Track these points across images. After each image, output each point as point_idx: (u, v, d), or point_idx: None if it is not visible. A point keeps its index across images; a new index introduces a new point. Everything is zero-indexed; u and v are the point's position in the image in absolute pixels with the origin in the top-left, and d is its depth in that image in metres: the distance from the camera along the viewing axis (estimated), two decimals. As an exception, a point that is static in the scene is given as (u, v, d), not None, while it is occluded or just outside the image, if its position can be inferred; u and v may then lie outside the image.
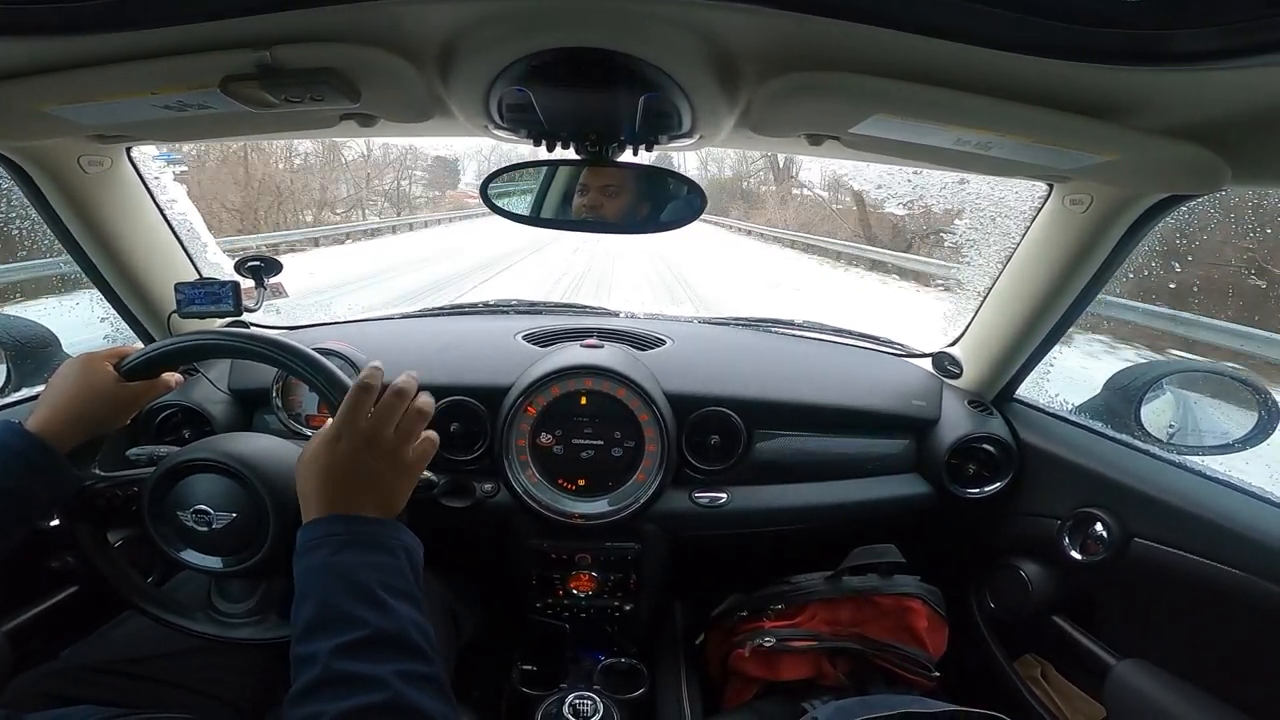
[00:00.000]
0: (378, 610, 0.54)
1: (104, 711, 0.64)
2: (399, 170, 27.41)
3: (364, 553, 0.59)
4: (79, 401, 0.74)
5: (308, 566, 0.58)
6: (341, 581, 0.56)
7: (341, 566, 0.57)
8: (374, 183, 25.82)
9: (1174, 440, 1.19)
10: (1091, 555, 1.09)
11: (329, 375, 0.75)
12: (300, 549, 0.59)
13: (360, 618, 0.53)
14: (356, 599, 0.55)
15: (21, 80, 0.67)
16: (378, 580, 0.56)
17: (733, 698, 1.24)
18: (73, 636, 1.06)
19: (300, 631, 0.54)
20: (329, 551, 0.58)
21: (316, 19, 0.56)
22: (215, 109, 0.72)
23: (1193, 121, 0.67)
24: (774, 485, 1.26)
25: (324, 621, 0.54)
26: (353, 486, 0.63)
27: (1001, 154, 0.78)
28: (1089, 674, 1.10)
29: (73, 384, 0.75)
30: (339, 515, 0.61)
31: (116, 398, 0.77)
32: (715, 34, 0.58)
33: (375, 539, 0.60)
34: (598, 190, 0.93)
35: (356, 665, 0.51)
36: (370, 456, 0.64)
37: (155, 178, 1.18)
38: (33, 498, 0.71)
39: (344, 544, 0.58)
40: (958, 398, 1.34)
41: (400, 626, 0.54)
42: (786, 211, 24.45)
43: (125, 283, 1.20)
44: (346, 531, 0.60)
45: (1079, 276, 1.09)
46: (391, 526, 0.63)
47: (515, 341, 1.33)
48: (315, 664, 0.51)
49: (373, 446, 0.65)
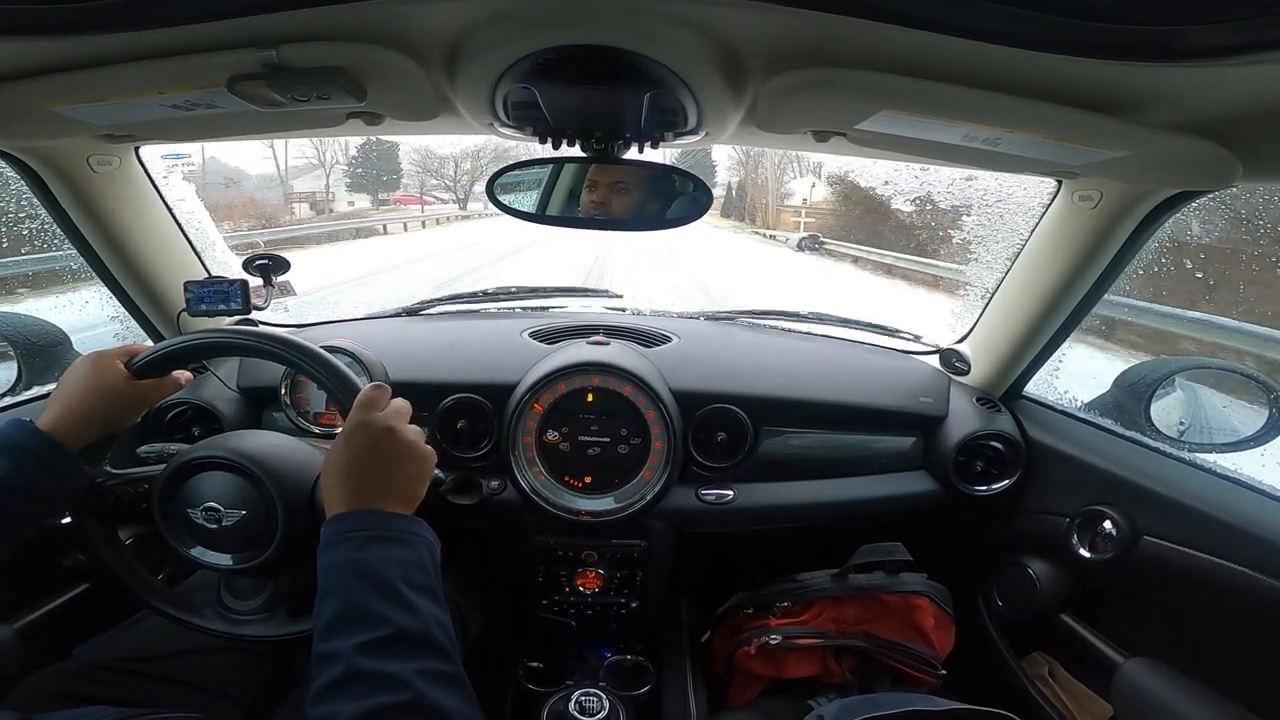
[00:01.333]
0: (401, 607, 0.55)
1: (117, 712, 0.64)
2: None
3: (387, 548, 0.59)
4: (90, 400, 0.75)
5: (331, 562, 0.58)
6: (365, 578, 0.56)
7: (365, 563, 0.57)
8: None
9: (1184, 438, 1.18)
10: (1100, 553, 1.08)
11: (340, 375, 0.76)
12: (324, 544, 0.59)
13: (383, 615, 0.53)
14: (380, 596, 0.55)
15: (31, 80, 0.67)
16: (400, 576, 0.57)
17: (738, 695, 1.24)
18: (83, 634, 1.07)
19: (323, 628, 0.54)
20: (353, 547, 0.58)
21: (322, 18, 0.56)
22: (223, 108, 0.72)
23: (1203, 117, 0.67)
24: (780, 482, 1.26)
25: (347, 618, 0.54)
26: (373, 479, 0.64)
27: (1010, 150, 0.77)
28: (1097, 672, 1.09)
29: (84, 382, 0.75)
30: (362, 510, 0.61)
31: (127, 396, 0.77)
32: (721, 31, 0.58)
33: (397, 533, 0.61)
34: (607, 187, 0.93)
35: (379, 663, 0.51)
36: (390, 446, 0.66)
37: (164, 177, 1.19)
38: (45, 495, 0.71)
39: (368, 539, 0.59)
40: (965, 395, 1.33)
41: (423, 624, 0.55)
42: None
43: (135, 281, 1.21)
44: (369, 526, 0.60)
45: (1088, 273, 1.09)
46: (412, 521, 0.63)
47: (522, 339, 1.33)
48: (338, 662, 0.51)
49: (392, 437, 0.66)
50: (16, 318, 1.24)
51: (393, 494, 0.64)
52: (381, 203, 28.37)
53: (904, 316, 1.62)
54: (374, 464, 0.65)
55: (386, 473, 0.65)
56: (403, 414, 0.70)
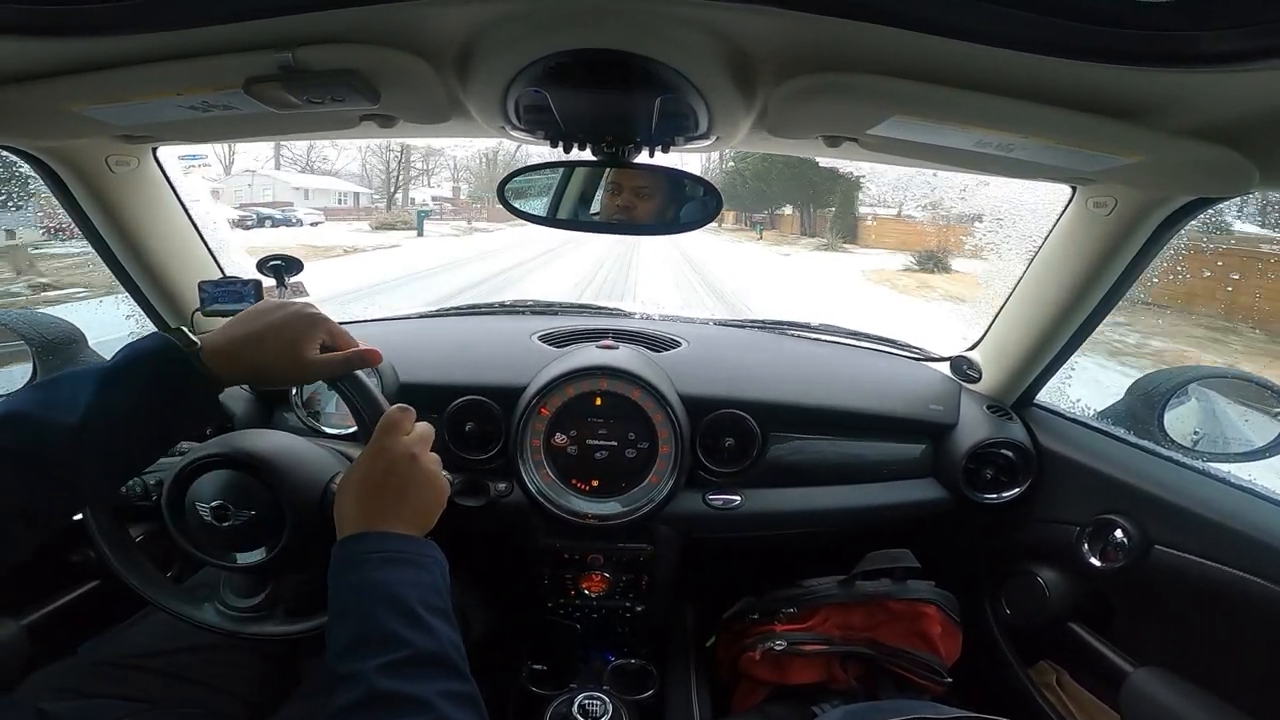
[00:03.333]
0: (419, 629, 0.55)
1: (124, 706, 0.65)
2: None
3: (404, 570, 0.59)
4: (265, 348, 0.67)
5: (347, 583, 0.58)
6: (383, 600, 0.56)
7: (382, 584, 0.57)
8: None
9: (1199, 447, 1.17)
10: (1111, 562, 1.07)
11: (366, 393, 0.75)
12: (337, 565, 0.60)
13: (403, 637, 0.54)
14: (399, 618, 0.55)
15: (51, 80, 0.68)
16: (418, 599, 0.57)
17: (742, 701, 1.23)
18: (92, 631, 1.08)
19: (341, 649, 0.54)
20: (370, 568, 0.58)
21: (337, 20, 0.57)
22: (239, 110, 0.73)
23: (1219, 123, 0.66)
24: (788, 488, 1.25)
25: (366, 640, 0.54)
26: (390, 503, 0.64)
27: (1024, 156, 0.77)
28: (1105, 681, 1.08)
29: (271, 329, 0.68)
30: (377, 532, 0.62)
31: (298, 362, 0.69)
32: (732, 35, 0.58)
33: (413, 556, 0.61)
34: (631, 191, 0.93)
35: (401, 685, 0.51)
36: (411, 473, 0.66)
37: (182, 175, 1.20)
38: (176, 423, 0.67)
39: (384, 561, 0.59)
40: (976, 402, 1.32)
41: (440, 646, 0.55)
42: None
43: (150, 280, 1.22)
44: (386, 548, 0.60)
45: (1103, 280, 1.08)
46: (425, 543, 0.64)
47: (531, 342, 1.34)
48: (359, 683, 0.51)
49: (414, 465, 0.67)
50: (32, 315, 1.25)
51: (409, 519, 0.64)
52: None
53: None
54: (393, 488, 0.65)
55: (405, 498, 0.65)
56: (426, 440, 0.70)
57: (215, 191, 16.75)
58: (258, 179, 36.24)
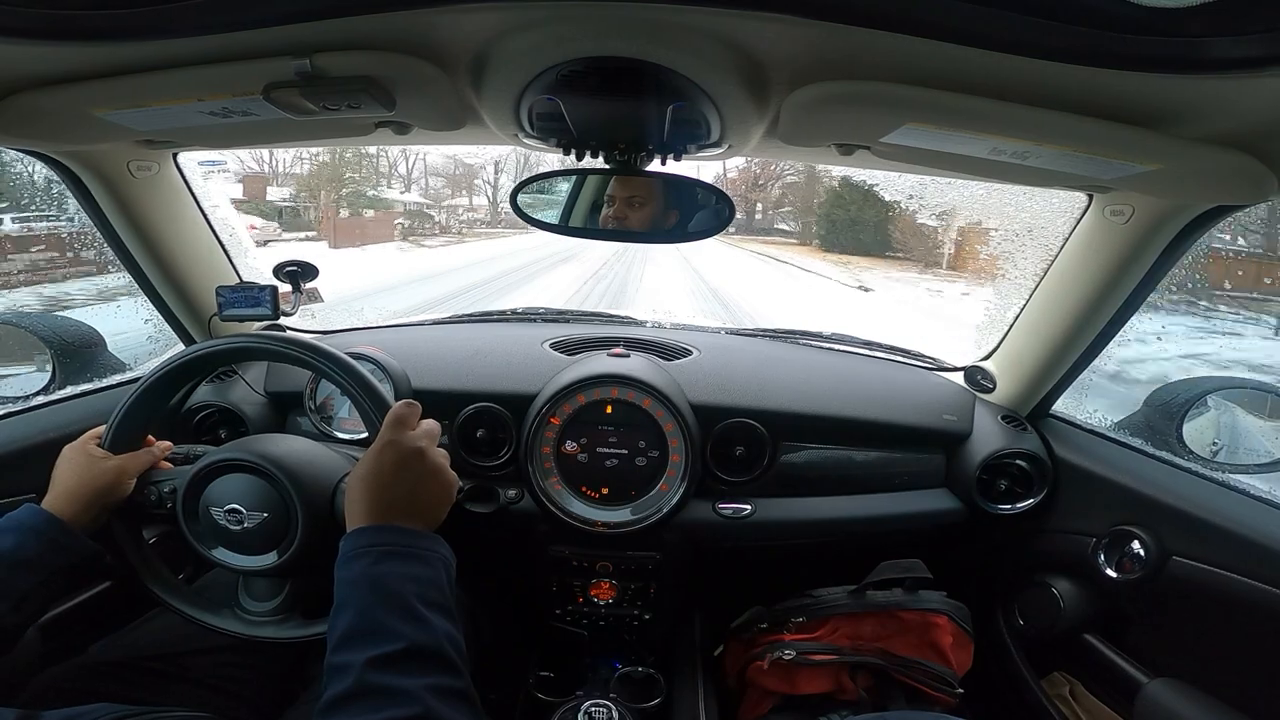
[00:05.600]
0: (414, 623, 0.55)
1: (120, 709, 0.65)
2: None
3: (405, 564, 0.59)
4: (76, 481, 0.79)
5: (348, 576, 0.58)
6: (379, 593, 0.56)
7: (380, 577, 0.58)
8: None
9: (1218, 458, 1.15)
10: (1127, 573, 1.06)
11: (371, 390, 0.77)
12: (341, 558, 0.60)
13: (396, 630, 0.54)
14: (393, 611, 0.55)
15: (75, 85, 0.70)
16: (415, 593, 0.57)
17: (749, 710, 1.22)
18: (104, 631, 1.08)
19: (336, 641, 0.55)
20: (369, 562, 0.59)
21: (355, 27, 0.58)
22: (258, 116, 0.74)
23: (1238, 130, 0.65)
24: (799, 498, 1.24)
25: (360, 632, 0.54)
26: (398, 497, 0.65)
27: (1039, 164, 0.76)
28: (1119, 693, 1.07)
29: (69, 466, 0.80)
30: (381, 525, 0.62)
31: (108, 471, 0.81)
32: (744, 44, 0.58)
33: (417, 550, 0.61)
34: (623, 202, 0.94)
35: (390, 678, 0.51)
36: (418, 467, 0.67)
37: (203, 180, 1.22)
38: (55, 569, 0.74)
39: (384, 555, 0.59)
40: (990, 413, 1.31)
41: (435, 640, 0.55)
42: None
43: (169, 284, 1.24)
44: (387, 542, 0.61)
45: (1120, 290, 1.06)
46: (431, 538, 0.64)
47: (542, 349, 1.34)
48: (348, 675, 0.51)
49: (421, 459, 0.67)
50: (52, 319, 1.27)
51: (415, 513, 0.65)
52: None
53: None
54: (400, 482, 0.66)
55: (412, 492, 0.66)
56: (433, 435, 0.71)
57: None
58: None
